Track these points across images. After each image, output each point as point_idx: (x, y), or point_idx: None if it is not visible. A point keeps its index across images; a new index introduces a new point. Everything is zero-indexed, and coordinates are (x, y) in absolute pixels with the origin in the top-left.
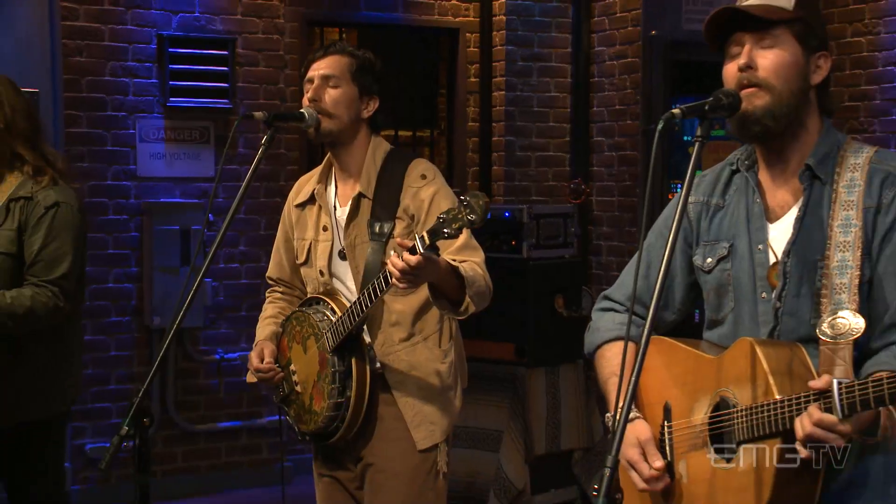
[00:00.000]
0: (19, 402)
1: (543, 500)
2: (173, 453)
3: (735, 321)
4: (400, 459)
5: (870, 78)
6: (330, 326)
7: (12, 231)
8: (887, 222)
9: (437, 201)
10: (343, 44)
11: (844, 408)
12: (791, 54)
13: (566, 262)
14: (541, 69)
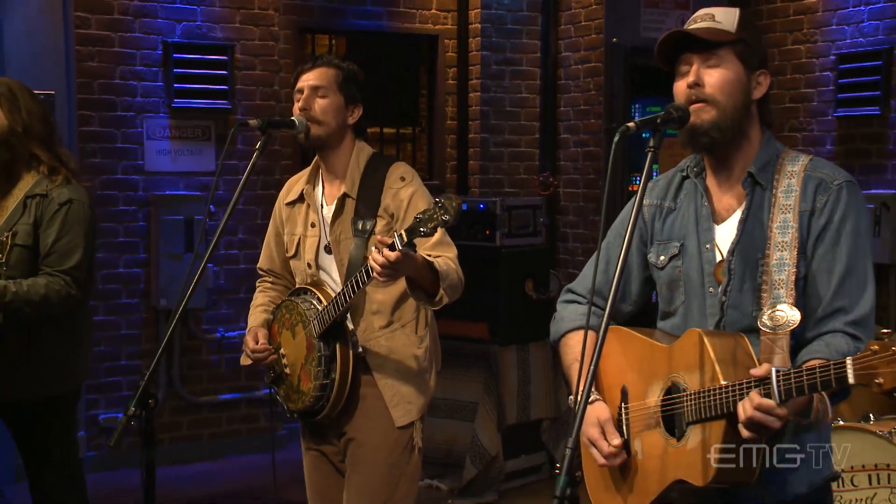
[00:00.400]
0: (34, 380)
1: (514, 465)
2: (179, 422)
3: (685, 313)
4: (379, 435)
5: (808, 82)
6: (316, 314)
7: (28, 225)
8: (820, 224)
9: (414, 201)
10: (330, 57)
11: (781, 393)
12: (734, 72)
13: (535, 249)
14: (512, 72)
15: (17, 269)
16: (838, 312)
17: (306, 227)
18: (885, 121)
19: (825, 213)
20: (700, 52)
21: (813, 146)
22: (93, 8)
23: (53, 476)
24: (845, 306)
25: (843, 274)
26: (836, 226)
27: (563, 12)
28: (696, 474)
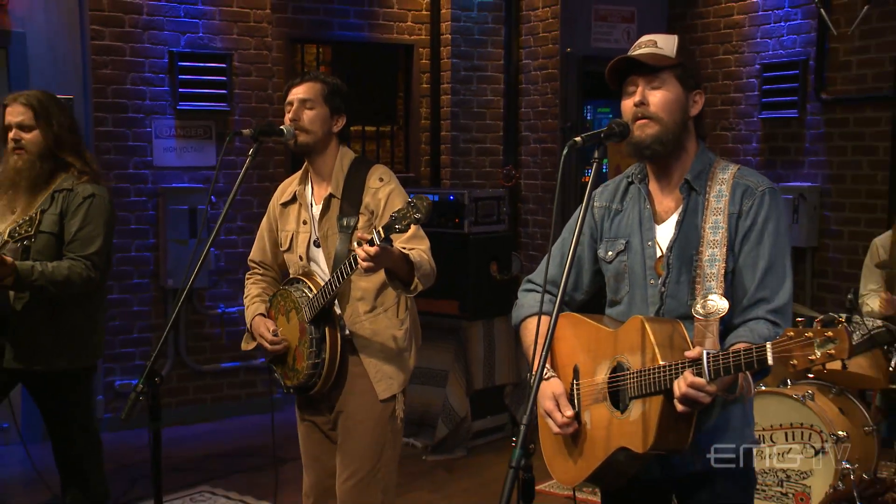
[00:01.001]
0: (56, 353)
1: (481, 425)
2: (185, 388)
3: (629, 302)
4: (365, 408)
5: (736, 87)
6: (307, 301)
7: (55, 216)
8: (746, 225)
9: (391, 200)
10: (317, 72)
11: (711, 373)
12: (674, 93)
13: (499, 235)
14: (479, 77)
15: (43, 255)
16: (761, 302)
17: (298, 224)
18: (802, 123)
19: (750, 216)
20: (645, 75)
21: (741, 144)
22: (106, 21)
23: (73, 437)
24: (767, 297)
25: (766, 269)
26: (759, 227)
27: (523, 25)
28: (637, 442)
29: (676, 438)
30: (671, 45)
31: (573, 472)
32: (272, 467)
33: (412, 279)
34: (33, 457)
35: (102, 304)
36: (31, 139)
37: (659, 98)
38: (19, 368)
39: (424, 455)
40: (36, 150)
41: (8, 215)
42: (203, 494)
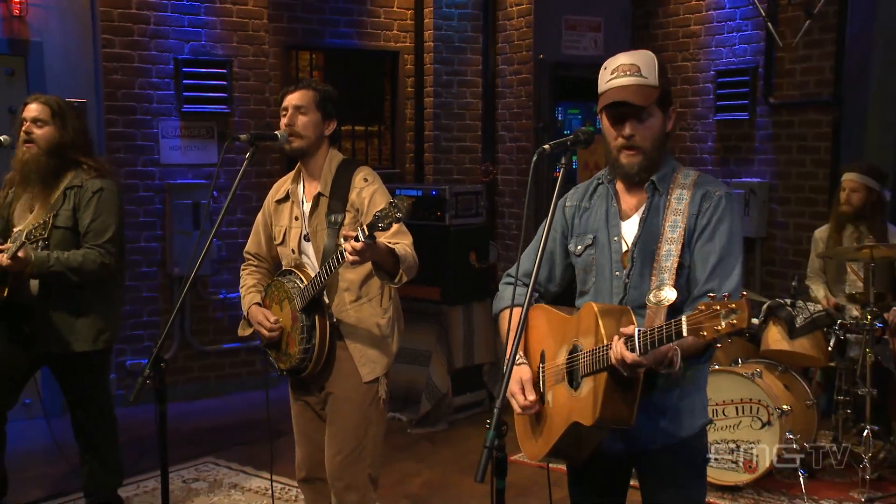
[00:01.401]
0: (74, 337)
1: (461, 401)
2: (190, 366)
3: (596, 292)
4: (351, 389)
5: (693, 91)
6: (299, 292)
7: (69, 211)
8: (702, 224)
9: (374, 199)
10: (310, 80)
11: (641, 347)
12: (659, 121)
13: (477, 227)
14: (459, 81)
15: (59, 247)
16: (709, 293)
17: (291, 220)
18: (752, 124)
19: (706, 216)
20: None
21: (698, 143)
22: (116, 31)
23: (91, 414)
24: (715, 288)
25: (715, 263)
26: (713, 226)
27: (499, 33)
28: (587, 416)
29: (621, 411)
30: (653, 71)
31: (537, 448)
32: (268, 441)
33: (397, 271)
34: (54, 430)
35: (118, 292)
36: (41, 134)
37: (647, 131)
38: (42, 352)
39: (409, 428)
40: (44, 145)
41: (27, 214)
42: (207, 465)
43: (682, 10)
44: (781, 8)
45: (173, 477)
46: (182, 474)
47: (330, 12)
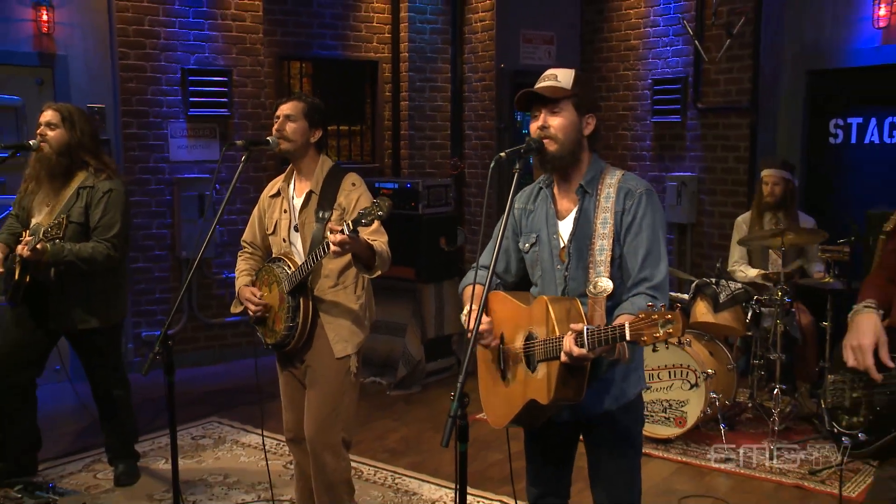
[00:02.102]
0: (87, 315)
1: (433, 367)
2: (197, 337)
3: (542, 283)
4: (326, 364)
5: (633, 97)
6: (286, 276)
7: (81, 208)
8: (628, 221)
9: (359, 201)
10: (300, 93)
11: (588, 344)
12: (569, 118)
13: (447, 215)
14: (431, 87)
15: (72, 240)
16: (642, 281)
17: (281, 213)
18: (684, 126)
19: (631, 213)
20: (546, 104)
21: (637, 142)
22: (131, 45)
23: (106, 380)
24: (647, 276)
25: (645, 255)
26: (638, 221)
27: (465, 45)
28: (542, 395)
29: (570, 393)
30: (568, 79)
31: (500, 416)
32: (259, 404)
33: (373, 263)
34: (78, 392)
35: (124, 276)
36: (53, 136)
37: (558, 123)
38: (58, 328)
39: (388, 391)
40: (56, 145)
41: (44, 208)
42: (212, 424)
43: (624, 27)
44: (707, 27)
45: (183, 434)
46: (191, 432)
47: (317, 27)
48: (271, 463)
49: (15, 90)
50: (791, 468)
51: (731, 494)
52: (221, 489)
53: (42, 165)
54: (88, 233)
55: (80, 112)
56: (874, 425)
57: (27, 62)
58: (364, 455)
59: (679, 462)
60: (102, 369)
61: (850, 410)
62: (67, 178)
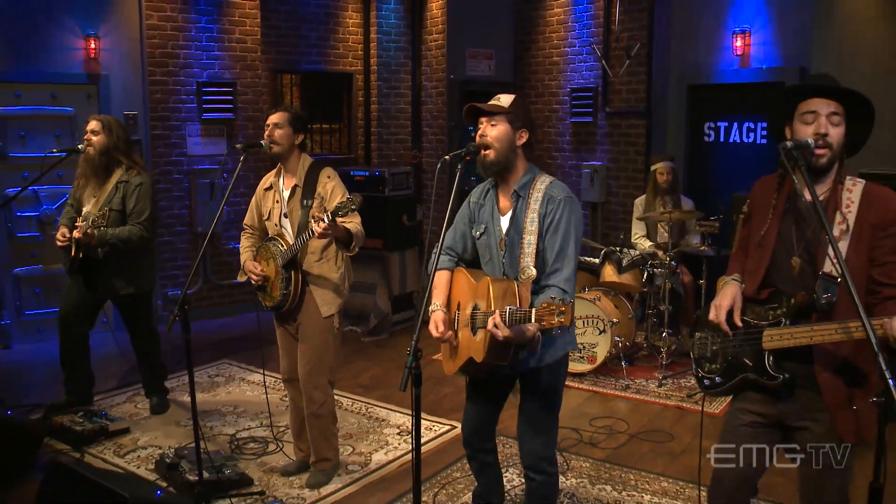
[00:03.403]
0: (125, 284)
1: (398, 317)
2: (211, 295)
3: (490, 265)
4: (315, 321)
5: (556, 101)
6: (280, 253)
7: (119, 199)
8: (548, 222)
9: (334, 190)
10: (286, 105)
11: (507, 321)
12: (504, 130)
13: (408, 197)
14: (395, 94)
15: (113, 225)
16: (555, 273)
17: (274, 203)
18: (595, 125)
19: (551, 216)
20: (487, 116)
21: (559, 138)
22: (157, 64)
23: (142, 334)
24: (559, 268)
25: (558, 251)
26: (556, 223)
27: (422, 60)
28: (478, 355)
29: (499, 356)
30: (508, 100)
31: (450, 367)
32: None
33: (351, 242)
34: (118, 341)
35: (154, 253)
36: (96, 141)
37: (494, 133)
38: (104, 294)
39: (362, 337)
40: (99, 147)
41: (91, 199)
42: (224, 365)
43: (548, 47)
44: (611, 49)
45: (201, 373)
46: (207, 371)
47: (304, 46)
48: (270, 396)
49: (69, 103)
50: (674, 393)
51: (629, 415)
52: (232, 417)
53: (88, 164)
54: (125, 218)
55: (117, 122)
56: (726, 371)
57: (79, 81)
58: (344, 390)
59: (590, 391)
60: (138, 325)
61: (710, 359)
62: (108, 175)
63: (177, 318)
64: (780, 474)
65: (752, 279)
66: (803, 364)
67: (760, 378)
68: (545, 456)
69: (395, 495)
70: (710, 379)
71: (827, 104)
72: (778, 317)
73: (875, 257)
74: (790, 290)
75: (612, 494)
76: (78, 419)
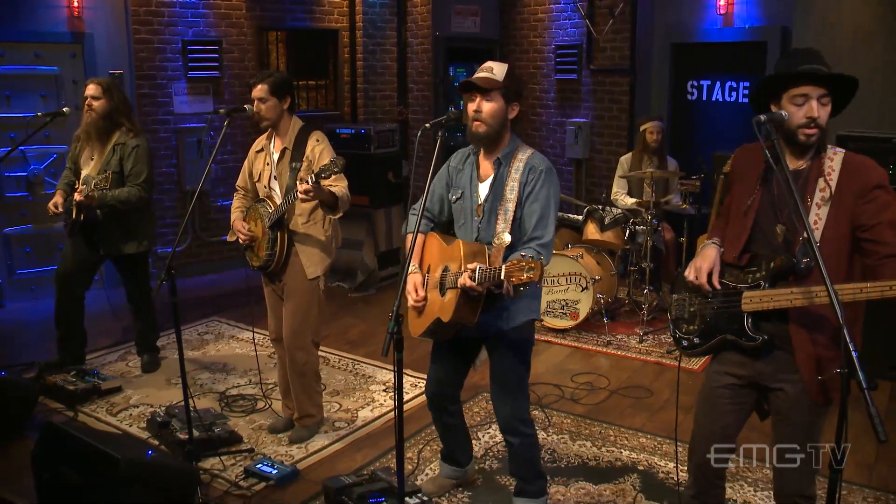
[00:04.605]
0: (125, 242)
1: (384, 273)
2: (200, 252)
3: (464, 229)
4: (300, 282)
5: (541, 59)
6: (268, 214)
7: (117, 160)
8: (528, 191)
9: (322, 154)
10: (265, 73)
11: (477, 278)
12: (499, 105)
13: (393, 153)
14: (381, 50)
15: (112, 186)
16: (534, 238)
17: (264, 165)
18: (580, 83)
19: (531, 185)
20: (482, 92)
21: (544, 94)
22: (142, 23)
23: (136, 289)
24: (538, 235)
25: (538, 219)
26: (536, 192)
27: (408, 16)
28: (446, 315)
29: (467, 316)
30: (502, 72)
31: (417, 328)
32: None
33: (336, 206)
34: (109, 297)
35: (153, 213)
36: (97, 105)
37: (489, 109)
38: (104, 254)
39: (349, 293)
40: (100, 111)
41: (90, 162)
42: (214, 322)
43: (533, 3)
44: (596, 7)
45: (191, 331)
46: (197, 329)
47: (290, 3)
48: (259, 353)
49: (54, 62)
50: (654, 349)
51: (610, 371)
52: (221, 374)
53: (91, 128)
54: (123, 180)
55: (115, 84)
56: (704, 333)
57: (63, 40)
58: (331, 346)
59: (572, 347)
60: (134, 283)
61: (687, 321)
62: (108, 137)
63: (164, 282)
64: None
65: (733, 246)
66: (781, 325)
67: (739, 339)
68: (520, 418)
69: (381, 451)
70: (688, 340)
71: (817, 88)
72: (757, 280)
73: (863, 222)
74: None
75: (592, 450)
76: (71, 378)
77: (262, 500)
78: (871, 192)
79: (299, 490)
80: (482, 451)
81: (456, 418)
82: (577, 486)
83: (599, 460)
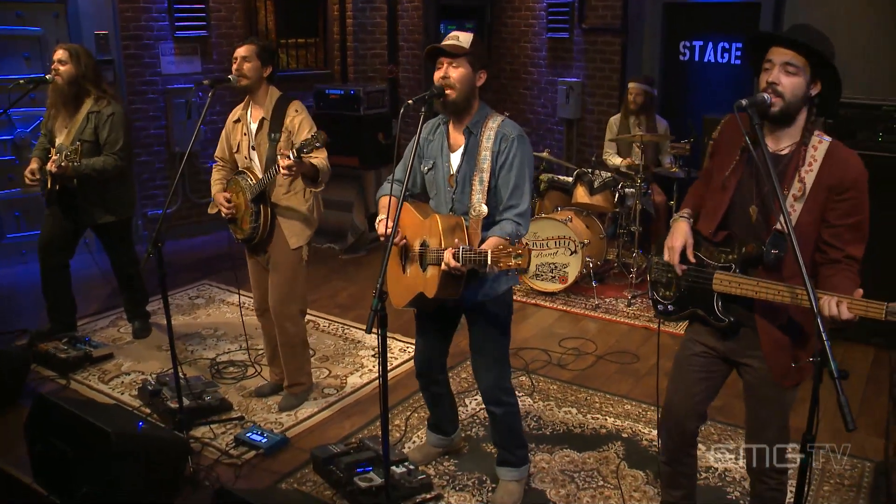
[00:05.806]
0: (104, 211)
1: (374, 235)
2: (190, 213)
3: (437, 200)
4: (283, 253)
5: (532, 17)
6: (249, 187)
7: (92, 128)
8: (501, 160)
9: (301, 125)
10: (253, 38)
11: (461, 260)
12: (466, 71)
13: (383, 114)
14: (371, 8)
15: (87, 155)
16: (510, 208)
17: (242, 136)
18: (571, 41)
19: (504, 153)
20: (449, 57)
21: (536, 52)
22: None
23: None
24: (514, 204)
25: (513, 188)
26: (510, 161)
27: None
28: (429, 291)
29: (450, 291)
30: (468, 40)
31: (399, 299)
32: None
33: (318, 178)
34: (98, 263)
35: (132, 180)
36: (64, 70)
37: (457, 74)
38: (83, 223)
39: (340, 255)
40: (67, 77)
41: (63, 130)
42: (204, 286)
43: None
44: None
45: (182, 295)
46: (188, 293)
47: None
48: (247, 319)
49: (36, 22)
50: (642, 313)
51: (597, 336)
52: (212, 340)
53: (57, 94)
54: (99, 149)
55: (85, 50)
56: (678, 301)
57: None
58: (321, 310)
59: (561, 310)
60: (118, 251)
61: (665, 285)
62: (78, 105)
63: (151, 255)
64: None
65: (709, 220)
66: (748, 310)
67: (708, 317)
68: (501, 387)
69: (370, 419)
70: (663, 305)
71: (783, 54)
72: (729, 262)
73: (828, 218)
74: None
75: (577, 417)
76: (62, 346)
77: (252, 469)
78: (846, 191)
79: (289, 458)
80: (468, 418)
81: (443, 387)
82: (562, 454)
83: (584, 427)
